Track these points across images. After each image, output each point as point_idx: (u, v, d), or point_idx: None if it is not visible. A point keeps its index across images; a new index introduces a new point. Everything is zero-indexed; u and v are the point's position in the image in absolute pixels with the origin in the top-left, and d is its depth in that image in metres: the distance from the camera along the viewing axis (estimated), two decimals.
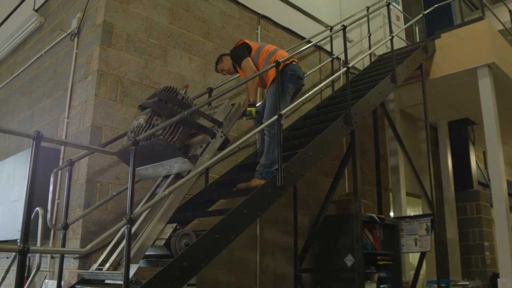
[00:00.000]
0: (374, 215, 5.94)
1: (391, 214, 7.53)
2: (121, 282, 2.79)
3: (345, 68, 5.04)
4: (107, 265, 3.19)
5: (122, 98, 4.42)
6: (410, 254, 7.42)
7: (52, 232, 4.17)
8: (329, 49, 7.05)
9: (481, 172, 9.88)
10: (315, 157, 4.35)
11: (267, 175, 3.92)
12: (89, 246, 2.63)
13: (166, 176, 3.64)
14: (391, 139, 7.72)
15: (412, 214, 8.06)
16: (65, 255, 3.67)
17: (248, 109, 4.10)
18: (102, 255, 3.38)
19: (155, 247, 3.37)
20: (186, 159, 3.36)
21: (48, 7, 5.62)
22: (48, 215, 3.49)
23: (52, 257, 4.12)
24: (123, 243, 3.17)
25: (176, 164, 3.43)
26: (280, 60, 4.06)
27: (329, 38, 6.96)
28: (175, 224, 3.37)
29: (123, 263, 3.03)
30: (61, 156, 4.38)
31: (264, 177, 3.92)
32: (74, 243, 3.91)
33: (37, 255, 3.34)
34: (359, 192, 4.97)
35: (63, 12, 5.22)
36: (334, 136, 4.65)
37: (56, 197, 4.27)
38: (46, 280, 4.12)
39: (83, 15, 4.71)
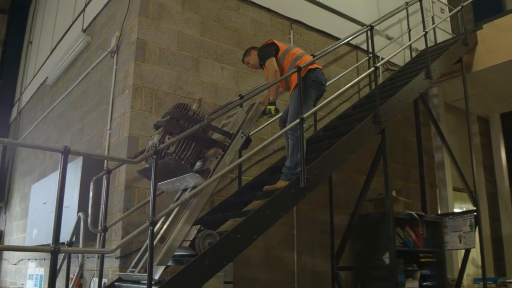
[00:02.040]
0: (413, 213, 5.91)
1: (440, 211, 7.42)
2: (152, 282, 3.09)
3: (372, 68, 5.09)
4: (139, 266, 3.50)
5: (157, 109, 4.75)
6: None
7: (98, 235, 4.56)
8: (366, 48, 7.06)
9: None
10: (341, 158, 4.44)
11: (291, 176, 4.08)
12: (114, 247, 2.95)
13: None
14: (435, 134, 7.58)
15: (465, 210, 7.88)
16: (106, 255, 4.03)
17: (268, 107, 4.29)
18: (136, 258, 3.70)
19: (183, 248, 3.63)
20: (197, 175, 3.56)
21: (94, 27, 6.09)
22: (89, 219, 3.85)
23: (98, 257, 4.51)
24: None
25: (190, 179, 3.65)
26: (302, 66, 4.22)
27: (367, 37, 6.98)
28: (199, 226, 3.62)
29: (154, 264, 3.33)
30: (105, 165, 4.78)
31: (289, 179, 4.08)
32: (115, 244, 4.26)
33: (80, 256, 3.72)
34: (390, 190, 4.99)
35: (105, 31, 5.65)
36: (362, 136, 4.71)
37: (101, 203, 4.66)
38: (94, 278, 4.52)
39: (120, 34, 5.10)
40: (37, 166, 7.46)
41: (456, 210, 7.67)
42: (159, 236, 3.58)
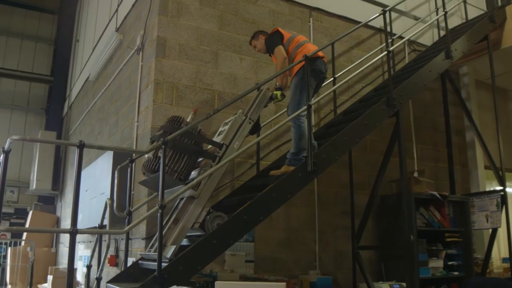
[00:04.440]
0: (436, 193, 5.97)
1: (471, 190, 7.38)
2: (166, 260, 3.47)
3: (385, 52, 5.18)
4: (155, 246, 3.88)
5: (178, 101, 5.10)
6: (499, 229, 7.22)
7: (126, 219, 5.00)
8: (389, 30, 7.08)
9: None
10: (351, 141, 4.63)
11: (295, 162, 4.33)
12: (127, 228, 3.33)
13: None
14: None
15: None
16: (131, 237, 4.46)
17: (275, 92, 4.55)
18: (153, 238, 4.09)
19: (195, 229, 3.97)
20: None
21: (125, 26, 6.52)
22: (114, 205, 4.26)
23: (130, 239, 4.95)
24: (167, 227, 3.84)
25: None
26: (309, 55, 4.42)
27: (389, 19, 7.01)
28: (208, 208, 3.95)
29: (168, 244, 3.71)
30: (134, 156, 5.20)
31: (292, 164, 4.33)
32: (141, 227, 4.70)
33: (106, 237, 4.16)
34: (405, 171, 5.10)
35: (133, 30, 6.06)
36: (373, 120, 4.85)
37: (132, 189, 5.08)
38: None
39: (144, 32, 5.48)
40: (84, 156, 8.05)
41: (491, 189, 7.60)
42: (173, 218, 3.92)
